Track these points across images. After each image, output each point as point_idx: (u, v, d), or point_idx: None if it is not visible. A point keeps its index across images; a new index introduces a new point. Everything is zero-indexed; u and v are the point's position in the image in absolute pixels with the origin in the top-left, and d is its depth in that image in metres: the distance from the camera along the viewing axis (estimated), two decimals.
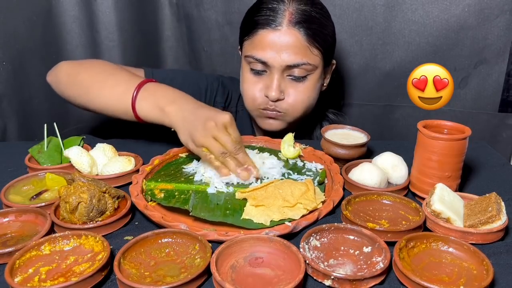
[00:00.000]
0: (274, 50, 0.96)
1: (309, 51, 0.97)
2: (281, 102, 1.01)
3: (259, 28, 0.97)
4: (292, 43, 0.95)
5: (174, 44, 1.49)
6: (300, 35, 0.95)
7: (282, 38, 0.95)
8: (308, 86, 1.01)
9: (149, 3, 1.42)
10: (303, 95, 1.01)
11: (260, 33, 0.97)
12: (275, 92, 0.98)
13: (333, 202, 0.72)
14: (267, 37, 0.96)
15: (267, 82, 0.99)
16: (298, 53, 0.96)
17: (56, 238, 0.61)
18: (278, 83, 0.98)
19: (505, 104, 1.28)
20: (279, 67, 0.97)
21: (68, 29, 1.32)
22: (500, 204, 0.66)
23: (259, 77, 1.01)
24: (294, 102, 1.01)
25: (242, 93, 1.06)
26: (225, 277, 0.55)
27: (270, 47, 0.96)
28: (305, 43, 0.96)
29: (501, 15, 1.20)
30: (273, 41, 0.95)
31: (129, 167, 0.82)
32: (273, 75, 0.98)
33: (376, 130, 1.32)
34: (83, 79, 0.96)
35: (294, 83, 1.00)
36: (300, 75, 0.99)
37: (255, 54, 0.98)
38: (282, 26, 0.95)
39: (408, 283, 0.55)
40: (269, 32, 0.96)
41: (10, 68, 1.20)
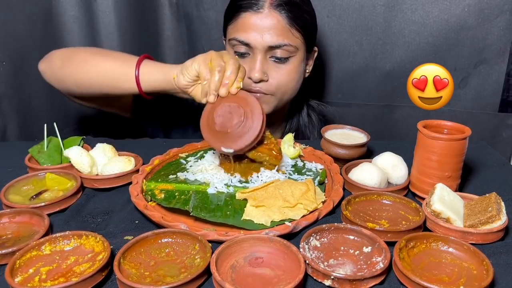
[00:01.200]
0: (257, 32, 0.98)
1: (290, 33, 1.00)
2: (266, 83, 1.02)
3: (242, 11, 1.00)
4: (273, 24, 0.98)
5: (174, 44, 1.49)
6: (281, 17, 0.98)
7: (264, 20, 0.98)
8: (291, 69, 1.03)
9: (149, 3, 1.42)
10: (287, 76, 1.03)
11: (243, 16, 1.00)
12: (258, 73, 1.00)
13: (333, 202, 0.72)
14: (249, 20, 0.99)
15: (250, 65, 1.01)
16: (280, 34, 0.99)
17: (56, 238, 0.61)
18: (261, 65, 1.00)
19: (505, 104, 1.28)
20: (262, 48, 0.99)
21: (68, 29, 1.32)
22: (500, 204, 0.66)
23: (243, 60, 1.02)
24: (278, 83, 1.03)
25: None
26: (225, 277, 0.55)
27: (252, 29, 0.99)
28: (286, 25, 0.99)
29: (501, 15, 1.20)
30: (255, 23, 0.98)
31: (129, 167, 0.82)
32: (256, 56, 1.00)
33: (376, 130, 1.31)
34: (81, 55, 0.98)
35: (277, 65, 1.02)
36: (282, 56, 1.01)
37: (238, 36, 1.00)
38: (264, 9, 0.98)
39: (408, 283, 0.55)
40: (252, 15, 0.99)
41: (10, 68, 1.20)
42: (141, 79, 0.90)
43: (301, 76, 1.09)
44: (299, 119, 1.19)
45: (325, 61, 1.35)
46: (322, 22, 1.29)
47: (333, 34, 1.31)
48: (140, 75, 0.90)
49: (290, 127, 1.18)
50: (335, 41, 1.32)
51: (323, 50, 1.33)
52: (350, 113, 1.39)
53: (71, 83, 0.99)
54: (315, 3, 1.25)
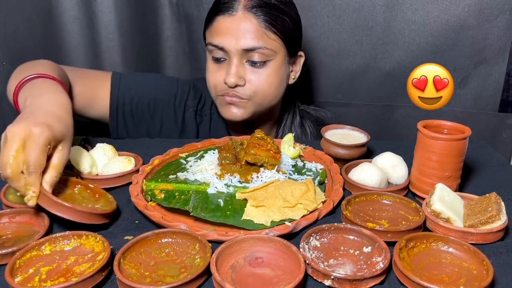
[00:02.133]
0: (231, 35, 0.97)
1: (265, 36, 0.98)
2: (243, 88, 1.00)
3: (217, 15, 0.99)
4: (247, 27, 0.96)
5: (174, 44, 1.49)
6: (256, 19, 0.97)
7: (237, 23, 0.97)
8: (269, 73, 1.01)
9: (149, 3, 1.42)
10: (264, 81, 1.01)
11: (217, 19, 0.99)
12: (233, 78, 0.98)
13: (333, 202, 0.72)
14: (223, 23, 0.98)
15: (227, 69, 1.00)
16: (255, 37, 0.97)
17: (56, 238, 0.61)
18: (236, 69, 0.98)
19: (505, 104, 1.28)
20: (236, 51, 0.97)
21: (68, 29, 1.32)
22: (500, 204, 0.66)
23: (220, 65, 1.01)
24: (255, 88, 1.00)
25: (208, 83, 1.06)
26: (225, 277, 0.55)
27: (226, 32, 0.97)
28: (261, 28, 0.97)
29: (501, 15, 1.20)
30: (229, 26, 0.97)
31: (129, 167, 0.82)
32: (232, 60, 0.99)
33: (376, 130, 1.32)
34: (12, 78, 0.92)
35: (254, 69, 1.00)
36: (259, 60, 0.98)
37: (213, 41, 0.99)
38: (237, 12, 0.97)
39: (408, 283, 0.55)
40: (226, 18, 0.98)
41: (10, 68, 1.20)
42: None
43: (283, 81, 1.05)
44: (291, 129, 1.17)
45: (325, 61, 1.35)
46: (322, 22, 1.29)
47: (333, 34, 1.31)
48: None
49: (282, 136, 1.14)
50: (335, 41, 1.32)
51: (323, 50, 1.33)
52: (350, 113, 1.39)
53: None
54: (315, 3, 1.26)
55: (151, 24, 1.45)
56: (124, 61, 1.40)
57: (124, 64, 1.39)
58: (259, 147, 0.81)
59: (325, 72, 1.37)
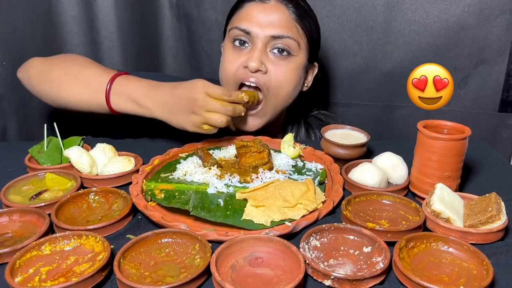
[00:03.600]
0: (260, 22, 0.95)
1: (294, 28, 0.97)
2: (264, 76, 0.96)
3: (247, 1, 0.98)
4: (278, 16, 0.96)
5: (174, 44, 1.49)
6: (287, 11, 0.96)
7: (269, 11, 0.96)
8: (290, 69, 0.98)
9: (149, 3, 1.42)
10: (284, 75, 0.98)
11: (248, 5, 0.98)
12: (255, 62, 0.94)
13: (333, 202, 0.72)
14: (254, 9, 0.97)
15: (249, 55, 0.97)
16: (284, 26, 0.96)
17: (56, 238, 0.61)
18: (260, 54, 0.95)
19: (505, 104, 1.28)
20: (263, 37, 0.95)
21: (68, 29, 1.32)
22: (500, 204, 0.66)
23: (240, 51, 0.98)
24: (275, 78, 0.97)
25: (220, 73, 1.03)
26: (225, 277, 0.55)
27: (256, 18, 0.96)
28: (292, 20, 0.97)
29: (501, 15, 1.20)
30: (260, 13, 0.96)
31: (129, 167, 0.82)
32: (256, 45, 0.96)
33: (376, 130, 1.32)
34: (54, 76, 0.96)
35: (276, 59, 0.97)
36: (283, 48, 0.96)
37: (240, 25, 0.97)
38: (270, 0, 0.96)
39: (408, 283, 0.55)
40: (257, 5, 0.97)
41: (10, 68, 1.20)
42: (115, 108, 0.91)
43: (299, 84, 1.03)
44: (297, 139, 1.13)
45: (325, 61, 1.35)
46: (322, 22, 1.28)
47: (333, 34, 1.31)
48: (112, 106, 0.91)
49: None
50: (335, 41, 1.32)
51: (323, 50, 1.33)
52: (350, 113, 1.38)
53: (48, 101, 0.99)
54: (315, 3, 1.26)
55: (151, 24, 1.45)
56: (124, 61, 1.40)
57: (124, 64, 1.40)
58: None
59: (325, 72, 1.37)
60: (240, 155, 0.84)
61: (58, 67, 0.97)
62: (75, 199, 0.72)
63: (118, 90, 0.90)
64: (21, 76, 1.01)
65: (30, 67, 0.99)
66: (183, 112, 0.84)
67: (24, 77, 1.00)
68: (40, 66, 0.99)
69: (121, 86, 0.90)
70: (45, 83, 0.96)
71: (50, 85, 0.96)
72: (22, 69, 1.01)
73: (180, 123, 0.86)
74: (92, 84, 0.92)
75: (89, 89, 0.92)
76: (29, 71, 0.99)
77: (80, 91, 0.93)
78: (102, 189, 0.75)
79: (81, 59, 1.01)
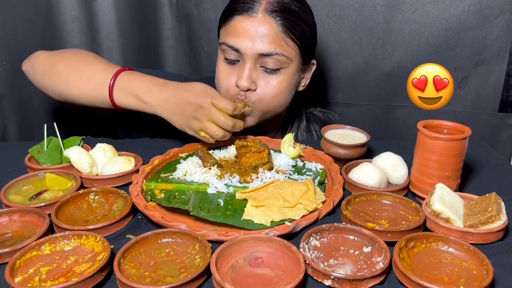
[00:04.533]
0: (248, 38, 0.93)
1: (284, 42, 0.94)
2: (251, 93, 0.96)
3: (235, 15, 0.95)
4: (266, 31, 0.92)
5: (174, 44, 1.49)
6: (275, 24, 0.93)
7: (256, 25, 0.93)
8: (281, 80, 0.97)
9: (149, 3, 1.42)
10: (274, 88, 0.97)
11: (235, 19, 0.95)
12: (246, 81, 0.94)
13: (333, 202, 0.72)
14: (241, 24, 0.94)
15: (239, 72, 0.95)
16: (272, 42, 0.93)
17: (56, 238, 0.61)
18: (250, 72, 0.94)
19: (505, 104, 1.28)
20: (252, 55, 0.93)
21: (68, 29, 1.32)
22: (500, 204, 0.66)
23: (232, 67, 0.97)
24: (263, 94, 0.96)
25: (216, 84, 1.02)
26: (225, 277, 0.55)
27: (244, 34, 0.94)
28: (280, 33, 0.94)
29: (501, 15, 1.20)
30: (247, 28, 0.93)
31: (129, 167, 0.82)
32: (246, 63, 0.94)
33: (376, 130, 1.31)
34: (60, 70, 0.96)
35: (266, 75, 0.96)
36: (273, 67, 0.95)
37: (228, 41, 0.95)
38: (258, 13, 0.93)
39: (408, 283, 0.55)
40: (244, 19, 0.94)
41: (10, 68, 1.20)
42: (118, 104, 0.91)
43: (293, 89, 1.02)
44: (298, 133, 1.14)
45: (325, 61, 1.35)
46: (322, 22, 1.29)
47: (333, 34, 1.31)
48: (115, 101, 0.91)
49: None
50: (335, 41, 1.32)
51: (323, 50, 1.33)
52: (350, 113, 1.38)
53: (53, 96, 0.99)
54: (315, 3, 1.26)
55: (151, 24, 1.45)
56: (124, 61, 1.39)
57: (124, 64, 1.38)
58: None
59: (325, 72, 1.37)
60: (240, 155, 0.84)
61: (63, 61, 0.98)
62: (75, 199, 0.72)
63: (121, 85, 0.90)
64: (26, 68, 1.01)
65: (36, 60, 0.99)
66: (185, 114, 0.84)
67: (29, 70, 1.00)
68: (45, 59, 0.99)
69: (124, 81, 0.90)
70: (50, 76, 0.96)
71: (55, 78, 0.96)
72: (27, 62, 1.01)
73: (180, 124, 0.86)
74: (96, 78, 0.92)
75: (93, 84, 0.92)
76: (35, 64, 0.99)
77: (84, 85, 0.93)
78: (102, 189, 0.75)
79: (86, 54, 1.01)
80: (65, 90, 0.95)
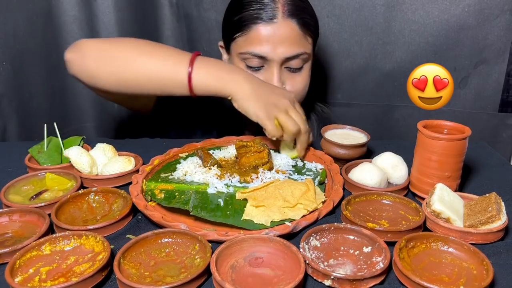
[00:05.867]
0: (271, 44, 0.95)
1: (304, 40, 0.97)
2: None
3: (253, 23, 0.95)
4: (288, 34, 0.95)
5: (174, 44, 1.49)
6: (295, 26, 0.95)
7: (278, 31, 0.94)
8: (304, 76, 1.02)
9: (149, 3, 1.42)
10: (301, 85, 1.02)
11: (255, 28, 0.95)
12: (277, 85, 0.96)
13: (333, 202, 0.72)
14: (263, 31, 0.95)
15: (267, 77, 0.97)
16: (295, 43, 0.96)
17: (56, 238, 0.61)
18: (279, 76, 0.97)
19: (505, 104, 1.28)
20: (278, 60, 0.95)
21: (68, 29, 1.32)
22: (500, 204, 0.66)
23: (258, 73, 0.98)
24: (293, 90, 1.00)
25: None
26: (225, 277, 0.55)
27: (266, 40, 0.95)
28: (301, 32, 0.96)
29: (501, 15, 1.20)
30: (269, 34, 0.94)
31: (129, 167, 0.82)
32: (272, 68, 0.97)
33: (376, 130, 1.31)
34: (124, 52, 0.90)
35: (291, 75, 1.00)
36: (298, 66, 0.99)
37: (252, 50, 0.96)
38: (278, 19, 0.94)
39: (408, 283, 0.55)
40: (265, 26, 0.94)
41: (10, 68, 1.20)
42: (194, 85, 0.85)
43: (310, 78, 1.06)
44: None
45: (325, 61, 1.35)
46: (322, 22, 1.29)
47: (333, 34, 1.31)
48: (193, 80, 0.85)
49: None
50: (335, 41, 1.32)
51: (323, 50, 1.33)
52: (350, 113, 1.39)
53: (109, 82, 0.90)
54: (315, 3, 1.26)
55: (151, 24, 1.45)
56: None
57: None
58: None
59: (325, 72, 1.37)
60: (240, 155, 0.84)
61: (125, 44, 0.93)
62: (75, 199, 0.72)
63: (201, 65, 0.86)
64: (72, 57, 0.91)
65: (85, 47, 0.92)
66: (268, 99, 0.84)
67: (76, 58, 0.91)
68: (97, 44, 0.93)
69: (203, 62, 0.87)
70: (110, 61, 0.89)
71: (118, 61, 0.89)
72: (73, 50, 0.91)
73: (256, 103, 0.83)
74: (172, 57, 0.87)
75: (169, 63, 0.87)
76: (84, 50, 0.91)
77: (158, 65, 0.87)
78: (102, 189, 0.75)
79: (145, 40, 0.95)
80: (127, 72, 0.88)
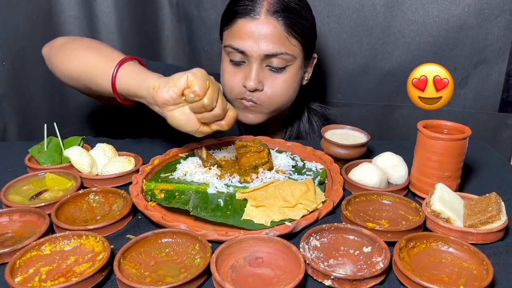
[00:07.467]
0: (252, 39, 0.96)
1: (287, 41, 0.97)
2: (259, 93, 1.00)
3: (238, 18, 0.97)
4: (270, 32, 0.95)
5: (174, 44, 1.49)
6: (278, 24, 0.95)
7: (260, 27, 0.95)
8: (287, 78, 1.00)
9: (149, 3, 1.42)
10: (282, 87, 1.00)
11: (239, 22, 0.97)
12: (253, 82, 0.97)
13: (333, 202, 0.72)
14: (245, 26, 0.96)
15: (246, 73, 0.99)
16: (276, 42, 0.96)
17: (56, 238, 0.61)
18: (257, 73, 0.98)
19: (505, 104, 1.28)
20: (257, 56, 0.96)
21: (68, 29, 1.32)
22: (500, 204, 0.66)
23: (238, 68, 1.00)
24: (271, 93, 1.00)
25: (221, 85, 1.03)
26: (225, 277, 0.55)
27: (248, 36, 0.96)
28: (284, 32, 0.96)
29: (501, 15, 1.20)
30: (251, 30, 0.96)
31: (129, 167, 0.82)
32: (252, 64, 0.98)
33: (376, 130, 1.32)
34: (75, 45, 0.96)
35: (273, 74, 0.99)
36: (278, 66, 0.98)
37: (233, 43, 0.98)
38: (260, 15, 0.95)
39: (408, 283, 0.55)
40: (248, 21, 0.96)
41: (10, 68, 1.20)
42: (118, 80, 0.82)
43: (298, 85, 1.05)
44: (300, 125, 1.16)
45: (325, 61, 1.35)
46: (322, 22, 1.29)
47: (333, 34, 1.31)
48: (117, 75, 0.82)
49: (290, 133, 1.16)
50: (335, 41, 1.32)
51: (323, 50, 1.33)
52: (350, 113, 1.39)
53: (57, 71, 0.96)
54: (315, 3, 1.26)
55: (151, 24, 1.45)
56: None
57: None
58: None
59: (325, 72, 1.37)
60: (240, 155, 0.84)
61: (80, 41, 0.99)
62: (75, 199, 0.72)
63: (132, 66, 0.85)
64: (44, 51, 1.00)
65: (56, 40, 1.00)
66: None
67: (46, 51, 1.00)
68: (66, 38, 1.01)
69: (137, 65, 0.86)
70: (62, 51, 0.96)
71: (66, 52, 0.95)
72: (47, 45, 1.01)
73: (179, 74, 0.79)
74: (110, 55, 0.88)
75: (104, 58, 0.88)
76: (53, 45, 0.99)
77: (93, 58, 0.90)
78: (102, 189, 0.75)
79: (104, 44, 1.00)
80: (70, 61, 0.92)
